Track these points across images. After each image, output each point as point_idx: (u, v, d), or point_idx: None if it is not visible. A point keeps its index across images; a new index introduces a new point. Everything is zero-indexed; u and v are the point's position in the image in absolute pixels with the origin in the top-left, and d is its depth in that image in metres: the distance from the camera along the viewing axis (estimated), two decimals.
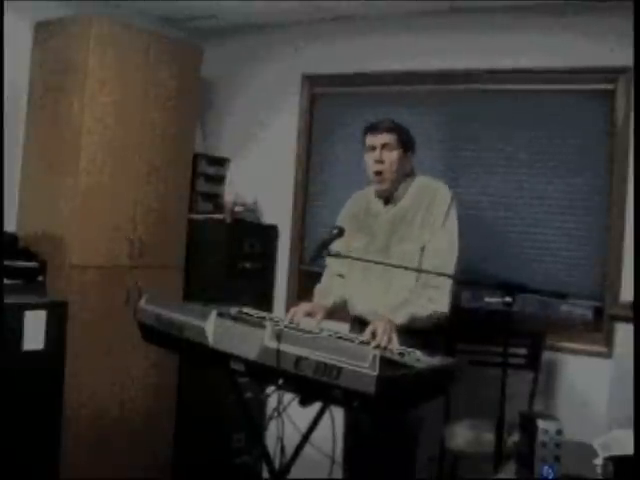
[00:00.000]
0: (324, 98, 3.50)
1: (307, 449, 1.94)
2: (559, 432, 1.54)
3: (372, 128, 2.36)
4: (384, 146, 2.31)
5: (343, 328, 2.41)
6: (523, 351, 2.70)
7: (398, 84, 3.26)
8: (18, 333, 2.54)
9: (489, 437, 2.24)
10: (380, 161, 2.31)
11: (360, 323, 2.35)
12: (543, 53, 2.88)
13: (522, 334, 2.64)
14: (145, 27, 3.16)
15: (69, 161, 2.86)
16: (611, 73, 2.80)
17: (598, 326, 2.85)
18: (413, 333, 2.14)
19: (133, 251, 3.04)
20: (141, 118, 3.03)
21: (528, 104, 2.98)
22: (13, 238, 2.85)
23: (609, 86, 2.82)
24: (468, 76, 3.09)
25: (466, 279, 2.22)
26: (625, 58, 2.53)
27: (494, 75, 3.04)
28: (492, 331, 2.28)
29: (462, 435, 2.62)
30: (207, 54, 3.39)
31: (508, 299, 1.89)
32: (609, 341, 2.72)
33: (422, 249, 2.26)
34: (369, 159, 2.36)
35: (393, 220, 2.35)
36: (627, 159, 2.74)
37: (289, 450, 1.96)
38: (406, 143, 2.35)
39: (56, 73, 2.91)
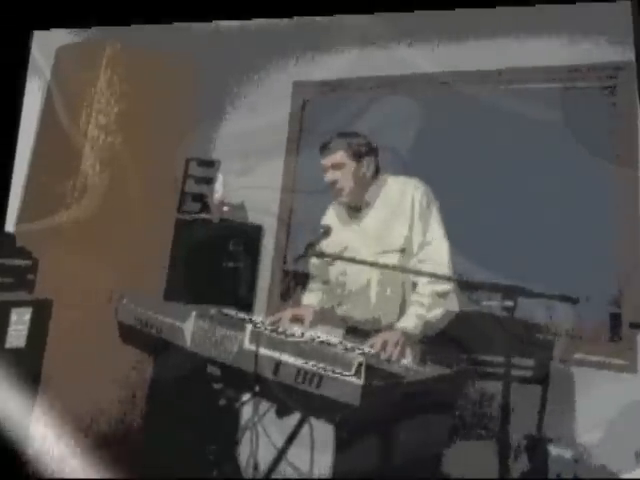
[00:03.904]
0: (315, 103, 3.59)
1: (283, 466, 1.80)
2: (576, 460, 1.35)
3: (320, 151, 2.35)
4: (334, 166, 2.29)
5: (333, 334, 2.27)
6: (529, 362, 2.53)
7: (389, 88, 3.29)
8: (3, 330, 2.55)
9: (491, 462, 2.07)
10: (334, 182, 2.30)
11: (355, 333, 2.25)
12: (543, 51, 2.87)
13: (527, 343, 2.47)
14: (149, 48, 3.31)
15: (69, 164, 3.00)
16: (613, 70, 2.79)
17: (616, 335, 2.64)
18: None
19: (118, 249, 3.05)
20: (140, 125, 3.17)
21: (528, 104, 2.95)
22: (11, 238, 2.88)
23: (610, 82, 2.82)
24: (466, 76, 3.09)
25: (462, 280, 2.09)
26: (627, 55, 2.47)
27: (493, 75, 3.04)
28: (492, 339, 2.14)
29: (460, 459, 2.45)
30: (203, 58, 3.42)
31: (509, 303, 1.73)
32: (632, 353, 2.51)
33: (402, 251, 2.19)
34: (326, 180, 2.33)
35: (368, 229, 2.29)
36: (636, 156, 2.66)
37: (263, 466, 1.84)
38: (358, 152, 2.30)
39: (70, 93, 3.15)
